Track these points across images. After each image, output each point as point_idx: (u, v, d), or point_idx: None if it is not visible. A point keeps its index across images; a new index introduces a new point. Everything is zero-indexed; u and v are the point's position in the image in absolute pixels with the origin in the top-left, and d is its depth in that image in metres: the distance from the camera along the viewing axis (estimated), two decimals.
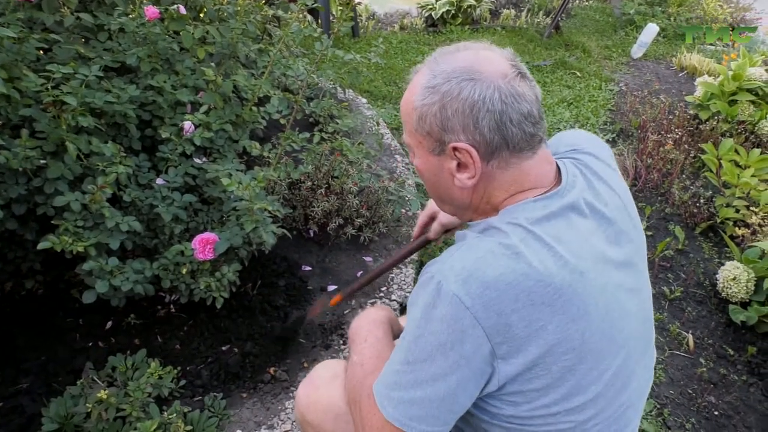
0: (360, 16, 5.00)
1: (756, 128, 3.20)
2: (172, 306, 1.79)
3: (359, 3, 4.69)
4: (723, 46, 5.13)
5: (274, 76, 2.38)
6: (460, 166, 0.90)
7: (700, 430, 1.81)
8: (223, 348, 1.69)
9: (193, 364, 1.63)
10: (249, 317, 1.78)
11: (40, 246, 1.39)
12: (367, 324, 1.16)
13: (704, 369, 2.01)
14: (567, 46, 4.92)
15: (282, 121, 1.93)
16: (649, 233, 2.65)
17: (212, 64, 2.10)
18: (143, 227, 1.60)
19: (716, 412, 1.87)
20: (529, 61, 4.48)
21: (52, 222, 1.46)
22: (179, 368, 1.57)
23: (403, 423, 0.87)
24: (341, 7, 1.93)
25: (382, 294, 1.95)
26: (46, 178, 1.49)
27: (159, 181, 1.75)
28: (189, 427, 1.39)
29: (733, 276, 2.24)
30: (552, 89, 4.08)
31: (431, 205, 1.46)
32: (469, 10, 5.29)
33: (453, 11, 5.20)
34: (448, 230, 1.46)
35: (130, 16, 1.93)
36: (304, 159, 2.10)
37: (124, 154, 1.63)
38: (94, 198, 1.45)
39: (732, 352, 2.09)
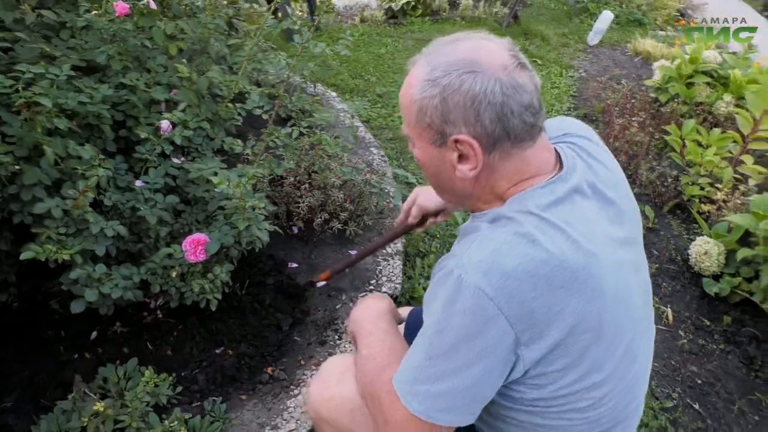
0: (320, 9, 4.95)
1: (713, 108, 3.32)
2: (158, 311, 1.74)
3: None
4: (674, 31, 5.30)
5: (247, 71, 2.32)
6: (462, 157, 0.90)
7: (686, 399, 1.88)
8: (217, 351, 1.65)
9: (187, 369, 1.59)
10: (240, 318, 1.74)
11: (23, 256, 1.32)
12: (369, 316, 1.15)
13: (684, 341, 2.08)
14: (526, 35, 5.00)
15: (264, 117, 1.88)
16: None
17: (183, 60, 2.04)
18: (126, 231, 1.54)
19: (699, 381, 1.94)
20: None
21: (33, 230, 1.39)
22: (174, 375, 1.52)
23: (429, 416, 0.87)
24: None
25: (372, 287, 1.94)
26: (23, 185, 1.41)
27: (138, 183, 1.69)
28: None
29: (705, 250, 2.32)
30: None
31: (415, 191, 1.46)
32: (428, 1, 5.31)
33: (413, 3, 5.21)
34: (426, 218, 1.46)
35: (94, 12, 1.85)
36: (284, 155, 2.07)
37: (102, 157, 1.57)
38: (77, 203, 1.39)
39: (708, 323, 2.18)
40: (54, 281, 1.49)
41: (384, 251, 2.07)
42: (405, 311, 1.40)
